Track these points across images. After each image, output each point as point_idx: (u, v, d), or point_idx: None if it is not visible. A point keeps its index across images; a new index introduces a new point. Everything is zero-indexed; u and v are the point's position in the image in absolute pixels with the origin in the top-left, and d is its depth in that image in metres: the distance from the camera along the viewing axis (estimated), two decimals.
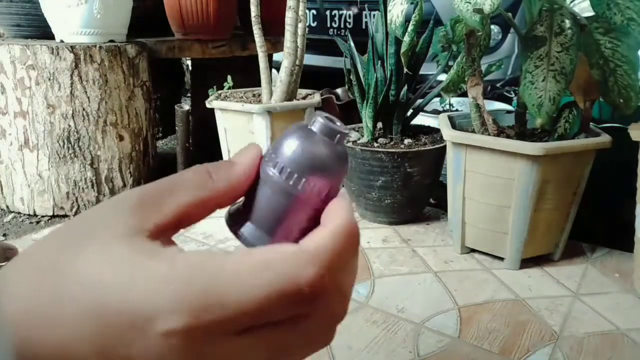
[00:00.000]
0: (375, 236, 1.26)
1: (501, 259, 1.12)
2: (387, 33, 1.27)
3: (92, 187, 1.41)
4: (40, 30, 1.51)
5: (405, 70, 1.20)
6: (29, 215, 1.43)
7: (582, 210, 1.10)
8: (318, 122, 0.26)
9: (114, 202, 0.23)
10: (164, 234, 0.23)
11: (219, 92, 1.65)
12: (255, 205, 0.26)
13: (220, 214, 0.27)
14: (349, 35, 1.43)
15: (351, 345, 0.84)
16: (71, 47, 1.33)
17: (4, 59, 1.34)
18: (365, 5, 1.67)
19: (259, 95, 1.59)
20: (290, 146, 0.25)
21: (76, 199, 1.41)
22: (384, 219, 1.32)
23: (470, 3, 0.89)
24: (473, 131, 1.13)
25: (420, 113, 1.44)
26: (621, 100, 0.97)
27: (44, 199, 1.40)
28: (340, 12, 2.60)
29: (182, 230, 0.27)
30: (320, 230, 0.23)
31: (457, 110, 1.74)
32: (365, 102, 1.30)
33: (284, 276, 0.20)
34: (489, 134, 1.09)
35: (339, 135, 0.25)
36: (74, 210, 1.42)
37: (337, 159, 0.25)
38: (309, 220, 0.25)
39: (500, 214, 1.06)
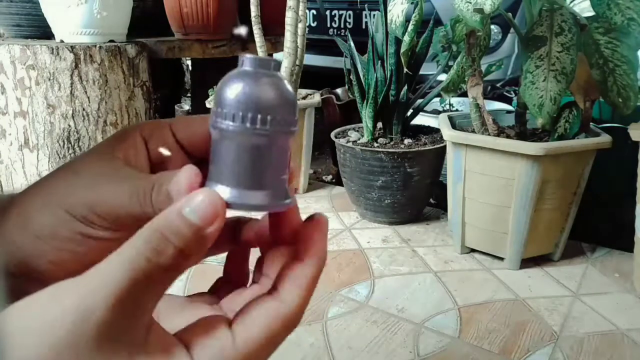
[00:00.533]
0: (375, 236, 1.26)
1: (501, 259, 1.12)
2: (387, 33, 1.27)
3: None
4: (40, 30, 1.51)
5: (405, 70, 1.20)
6: None
7: (582, 210, 1.10)
8: (247, 59, 0.25)
9: (71, 334, 0.19)
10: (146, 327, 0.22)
11: None
12: (229, 169, 0.24)
13: None
14: (349, 35, 1.43)
15: (351, 345, 0.84)
16: (71, 47, 1.33)
17: (4, 59, 1.34)
18: (366, 5, 1.67)
19: None
20: (233, 92, 0.24)
21: None
22: (384, 219, 1.32)
23: (470, 3, 0.89)
24: (473, 131, 1.13)
25: (420, 113, 1.44)
26: (620, 100, 0.97)
27: None
28: (340, 12, 2.60)
29: None
30: (266, 320, 0.24)
31: (457, 110, 1.74)
32: (365, 102, 1.30)
33: None
34: (489, 134, 1.09)
35: (273, 63, 0.25)
36: None
37: (281, 83, 0.25)
38: (284, 151, 0.25)
39: (500, 214, 1.06)
